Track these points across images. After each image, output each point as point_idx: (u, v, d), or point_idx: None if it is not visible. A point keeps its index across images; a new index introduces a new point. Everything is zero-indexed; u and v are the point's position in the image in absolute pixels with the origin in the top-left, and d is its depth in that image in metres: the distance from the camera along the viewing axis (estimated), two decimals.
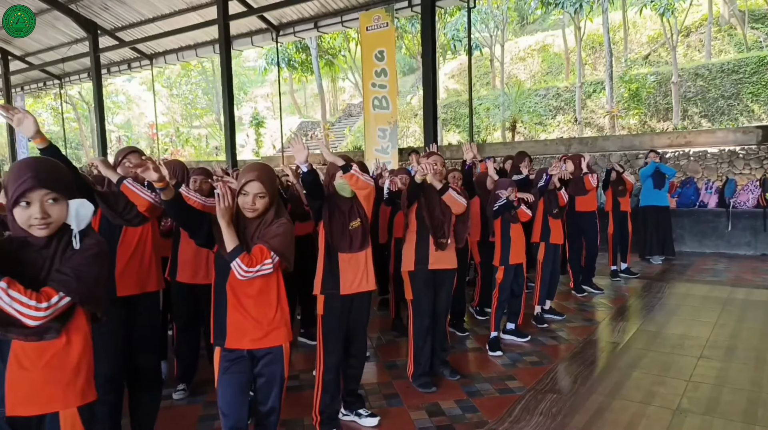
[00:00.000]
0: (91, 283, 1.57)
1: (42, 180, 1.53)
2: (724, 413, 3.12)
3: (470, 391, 3.54)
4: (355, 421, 3.13)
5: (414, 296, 3.62)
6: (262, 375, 2.29)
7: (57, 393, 1.56)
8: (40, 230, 1.54)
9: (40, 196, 1.52)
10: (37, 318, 1.44)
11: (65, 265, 1.54)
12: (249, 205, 2.20)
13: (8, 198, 1.54)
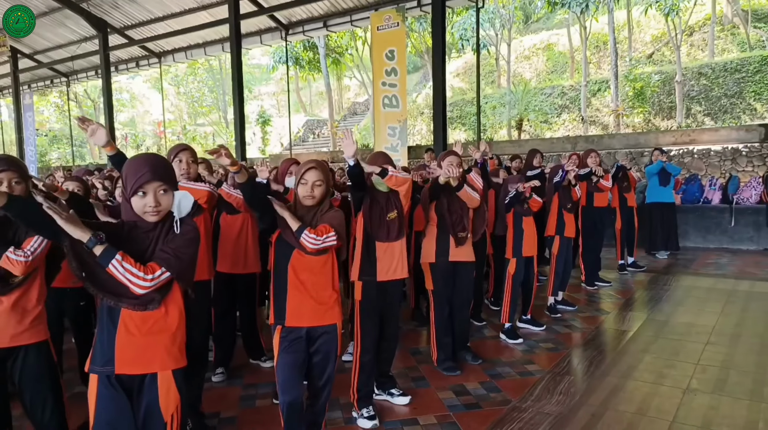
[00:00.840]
0: (187, 262, 1.81)
1: (157, 174, 1.78)
2: (732, 393, 3.35)
3: (492, 374, 3.77)
4: (388, 400, 3.36)
5: (434, 287, 3.84)
6: (319, 352, 2.52)
7: (156, 357, 1.81)
8: (152, 216, 1.79)
9: (154, 187, 1.77)
10: (144, 287, 1.69)
11: (167, 246, 1.79)
12: (308, 193, 2.42)
13: (127, 189, 1.78)
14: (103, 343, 1.79)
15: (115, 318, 1.77)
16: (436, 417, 3.16)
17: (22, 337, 2.14)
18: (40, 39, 15.78)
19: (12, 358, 2.16)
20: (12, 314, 2.12)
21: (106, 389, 1.78)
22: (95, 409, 1.79)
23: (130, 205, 1.81)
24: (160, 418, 1.82)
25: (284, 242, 2.46)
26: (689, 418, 3.06)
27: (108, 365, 1.77)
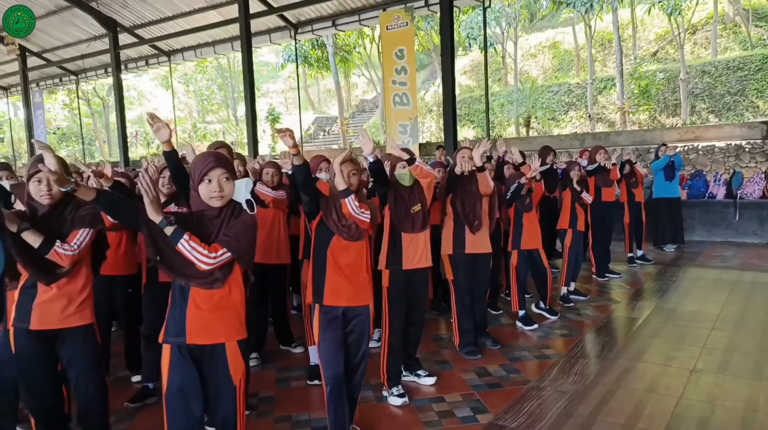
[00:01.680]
0: (246, 245, 2.06)
1: (220, 162, 2.04)
2: (735, 372, 3.58)
3: (511, 357, 4.01)
4: (415, 380, 3.60)
5: (454, 277, 4.08)
6: (354, 332, 2.75)
7: (222, 329, 2.06)
8: (216, 201, 2.03)
9: (218, 174, 2.01)
10: (208, 263, 1.94)
11: (228, 231, 2.03)
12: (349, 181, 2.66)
13: (195, 179, 2.01)
14: (175, 317, 2.04)
15: (186, 296, 2.02)
16: (461, 395, 3.41)
17: (68, 320, 2.35)
18: (49, 38, 15.93)
19: (60, 339, 2.38)
20: (59, 300, 2.33)
21: (177, 358, 2.03)
22: (168, 376, 2.04)
23: (197, 193, 2.05)
24: (230, 382, 2.06)
25: (325, 228, 2.71)
26: (696, 395, 3.29)
27: (180, 337, 2.02)
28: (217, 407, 2.09)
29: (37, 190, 2.31)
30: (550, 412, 3.14)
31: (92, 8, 13.48)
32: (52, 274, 2.30)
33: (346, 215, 2.62)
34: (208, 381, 2.08)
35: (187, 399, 2.03)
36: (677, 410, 3.11)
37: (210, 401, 2.09)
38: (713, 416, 3.03)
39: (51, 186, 2.30)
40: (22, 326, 2.30)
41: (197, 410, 2.06)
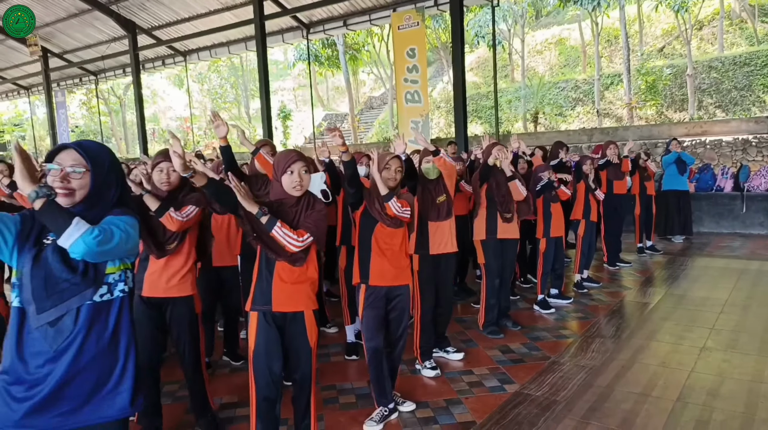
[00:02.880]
0: (321, 231, 2.36)
1: (301, 157, 2.34)
2: (743, 350, 3.85)
3: (531, 337, 4.30)
4: (444, 356, 3.89)
5: (486, 261, 4.37)
6: (395, 310, 3.06)
7: (302, 299, 2.36)
8: (296, 191, 2.33)
9: (299, 167, 2.31)
10: (296, 246, 2.23)
11: (308, 219, 2.33)
12: (392, 176, 2.96)
13: (278, 171, 2.33)
14: (262, 288, 2.35)
15: (271, 269, 2.33)
16: (487, 369, 3.70)
17: (171, 290, 2.73)
18: (70, 39, 16.33)
19: (166, 305, 2.76)
20: (164, 272, 2.71)
21: (263, 324, 2.35)
22: (255, 338, 2.35)
23: (280, 184, 2.35)
24: (307, 344, 2.38)
25: (369, 217, 3.01)
26: (706, 369, 3.57)
27: (267, 305, 2.33)
28: (297, 365, 2.41)
29: (158, 178, 2.69)
30: (571, 383, 3.43)
31: (112, 11, 13.83)
32: (163, 249, 2.67)
33: (391, 215, 2.91)
34: (288, 344, 2.40)
35: (270, 359, 2.34)
36: (689, 381, 3.39)
37: (290, 361, 2.42)
38: (722, 387, 3.30)
39: (170, 175, 2.68)
40: (135, 292, 2.67)
41: (278, 369, 2.38)
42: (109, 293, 1.58)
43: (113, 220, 1.54)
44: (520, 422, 2.96)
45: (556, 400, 3.21)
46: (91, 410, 1.56)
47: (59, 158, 1.57)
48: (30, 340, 1.50)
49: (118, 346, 1.61)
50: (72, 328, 1.51)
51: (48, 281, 1.49)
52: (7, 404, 1.50)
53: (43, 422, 1.50)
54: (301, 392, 2.48)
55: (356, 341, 4.10)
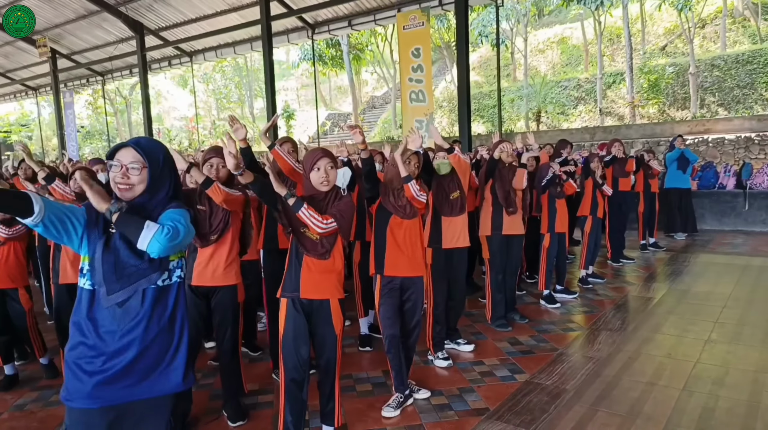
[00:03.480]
0: (347, 221, 2.50)
1: (326, 154, 2.48)
2: (746, 342, 3.97)
3: (539, 330, 4.42)
4: (455, 348, 4.01)
5: (491, 256, 4.49)
6: (409, 300, 3.18)
7: (328, 288, 2.51)
8: (323, 186, 2.47)
9: (324, 163, 2.44)
10: (321, 228, 2.37)
11: (335, 208, 2.46)
12: (411, 170, 3.11)
13: (307, 168, 2.48)
14: (291, 277, 2.49)
15: (300, 260, 2.47)
16: (498, 360, 3.82)
17: (217, 279, 2.91)
18: (78, 40, 16.48)
19: (212, 294, 2.95)
20: (210, 263, 2.89)
21: (292, 310, 2.50)
22: (284, 324, 2.50)
23: (309, 180, 2.49)
24: (332, 331, 2.52)
25: (384, 210, 3.14)
26: (711, 360, 3.68)
27: (295, 292, 2.47)
28: (322, 351, 2.54)
29: (207, 173, 2.87)
30: (579, 373, 3.54)
31: (121, 12, 13.97)
32: (207, 239, 2.84)
33: (409, 197, 3.03)
34: (315, 330, 2.54)
35: (298, 343, 2.48)
36: (694, 371, 3.50)
37: (316, 346, 2.56)
38: (727, 377, 3.42)
39: (219, 170, 2.88)
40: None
41: (305, 353, 2.51)
42: (168, 278, 1.73)
43: (173, 215, 1.69)
44: (531, 409, 3.08)
45: (565, 389, 3.32)
46: (150, 384, 1.70)
47: (119, 156, 1.71)
48: (101, 319, 1.65)
49: (174, 326, 1.75)
50: (138, 309, 1.66)
51: (117, 266, 1.63)
52: (79, 378, 1.64)
53: (110, 393, 1.65)
54: (326, 377, 2.60)
55: (369, 334, 4.22)
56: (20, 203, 1.46)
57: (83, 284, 1.68)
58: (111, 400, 1.66)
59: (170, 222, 1.65)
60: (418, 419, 3.02)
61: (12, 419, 3.26)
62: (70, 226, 1.61)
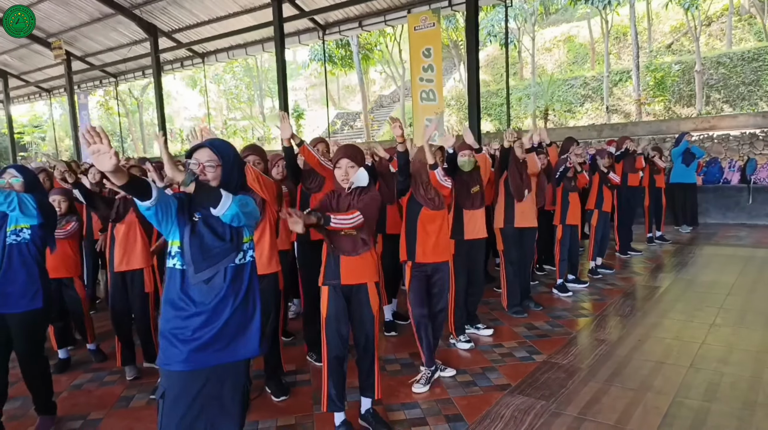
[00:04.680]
0: (370, 215, 2.74)
1: (347, 154, 2.76)
2: (749, 326, 4.22)
3: (553, 316, 4.69)
4: (475, 332, 4.29)
5: (504, 247, 4.76)
6: (436, 285, 3.47)
7: (364, 273, 2.78)
8: (344, 183, 2.72)
9: (345, 163, 2.72)
10: (349, 223, 2.63)
11: (361, 201, 2.73)
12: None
13: (333, 161, 2.73)
14: (331, 267, 2.76)
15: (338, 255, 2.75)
16: (516, 342, 4.10)
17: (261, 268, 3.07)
18: (93, 43, 16.80)
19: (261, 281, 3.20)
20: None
21: (333, 295, 2.77)
22: (327, 307, 2.77)
23: (333, 176, 2.75)
24: (370, 311, 2.80)
25: (414, 202, 3.43)
26: (715, 341, 3.94)
27: (336, 280, 2.75)
28: (362, 330, 2.82)
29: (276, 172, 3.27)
30: (593, 354, 3.82)
31: (135, 15, 14.26)
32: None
33: (434, 183, 3.32)
34: (354, 312, 2.81)
35: (339, 324, 2.76)
36: (700, 351, 3.77)
37: (355, 326, 2.83)
38: (731, 356, 3.68)
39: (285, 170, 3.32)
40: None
41: (345, 332, 2.80)
42: (243, 257, 2.01)
43: (242, 196, 1.97)
44: (550, 384, 3.35)
45: (580, 367, 3.60)
46: (233, 350, 1.99)
47: (197, 155, 1.99)
48: (191, 295, 1.93)
49: (249, 300, 2.03)
50: (221, 285, 1.94)
51: (203, 248, 1.92)
52: (175, 345, 1.93)
53: (201, 358, 1.94)
54: (365, 354, 2.88)
55: (393, 320, 4.51)
56: (144, 189, 1.74)
57: (174, 265, 1.96)
58: (202, 363, 1.95)
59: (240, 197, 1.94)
60: (446, 394, 3.30)
61: (72, 397, 3.55)
62: (169, 212, 1.89)
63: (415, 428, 2.94)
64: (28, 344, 3.00)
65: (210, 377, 1.98)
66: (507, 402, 3.16)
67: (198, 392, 1.96)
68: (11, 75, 20.25)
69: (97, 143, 1.64)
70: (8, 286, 2.86)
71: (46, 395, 3.16)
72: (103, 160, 1.63)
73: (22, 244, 2.92)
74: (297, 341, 4.33)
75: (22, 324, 2.93)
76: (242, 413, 2.11)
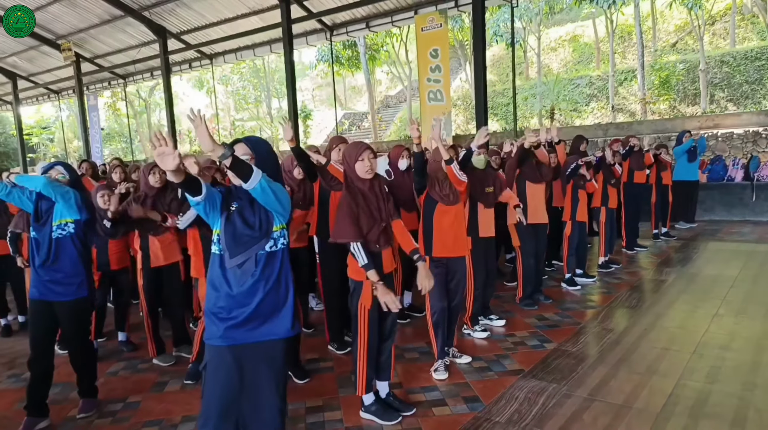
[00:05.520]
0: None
1: (368, 146, 2.92)
2: (751, 316, 4.41)
3: (562, 308, 4.88)
4: (489, 323, 4.49)
5: (521, 243, 4.95)
6: (454, 279, 3.66)
7: (392, 262, 3.00)
8: (368, 174, 2.89)
9: (367, 154, 2.88)
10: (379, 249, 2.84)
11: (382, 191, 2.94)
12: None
13: (351, 160, 2.88)
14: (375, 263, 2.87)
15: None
16: (527, 332, 4.30)
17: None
18: (102, 44, 17.02)
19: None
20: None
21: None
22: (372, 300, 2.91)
23: (354, 170, 2.89)
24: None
25: (431, 200, 3.61)
26: (719, 330, 4.13)
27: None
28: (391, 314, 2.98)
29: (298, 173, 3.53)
30: (601, 342, 4.01)
31: (144, 17, 14.47)
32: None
33: (451, 177, 3.51)
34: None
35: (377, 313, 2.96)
36: (704, 339, 3.95)
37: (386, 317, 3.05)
38: (732, 343, 3.86)
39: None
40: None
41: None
42: (274, 245, 2.20)
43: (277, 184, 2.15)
44: (561, 370, 3.55)
45: (589, 354, 3.79)
46: (266, 329, 2.18)
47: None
48: (227, 278, 2.14)
49: (281, 284, 2.22)
50: (253, 270, 2.13)
51: (236, 235, 2.12)
52: (214, 323, 2.14)
53: (237, 334, 2.14)
54: (390, 336, 3.08)
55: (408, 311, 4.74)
56: (196, 185, 1.95)
57: (215, 251, 2.17)
58: (237, 340, 2.14)
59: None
60: (463, 379, 3.50)
61: (108, 383, 3.77)
62: (215, 205, 2.10)
63: (436, 408, 3.14)
64: (76, 329, 3.22)
65: (246, 356, 2.16)
66: (521, 385, 3.36)
67: (237, 367, 2.14)
68: (20, 77, 20.52)
69: (162, 146, 1.83)
70: (57, 276, 3.08)
71: (90, 379, 3.38)
72: (167, 160, 1.83)
73: (67, 237, 3.14)
74: (317, 332, 4.53)
75: (70, 311, 3.15)
76: (283, 394, 2.26)
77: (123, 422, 3.21)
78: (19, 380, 3.91)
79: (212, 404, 2.14)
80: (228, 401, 2.14)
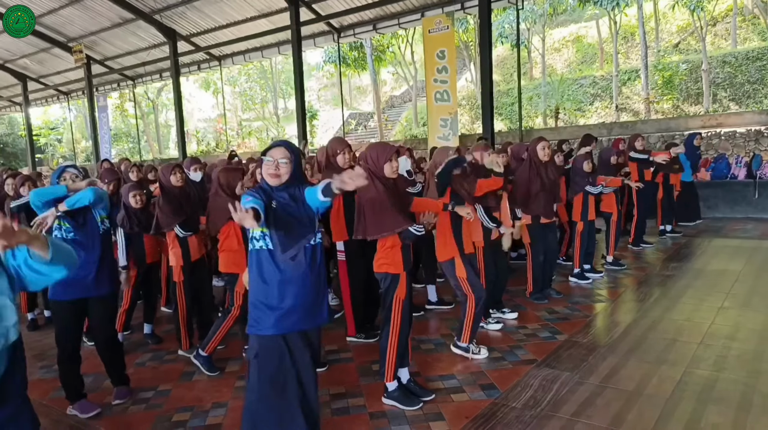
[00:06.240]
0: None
1: (395, 149, 3.09)
2: (755, 308, 4.56)
3: (572, 301, 5.04)
4: (501, 316, 4.64)
5: (532, 241, 5.12)
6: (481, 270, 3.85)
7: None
8: (395, 174, 3.07)
9: (395, 156, 3.06)
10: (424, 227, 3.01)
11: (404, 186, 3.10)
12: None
13: (380, 162, 3.05)
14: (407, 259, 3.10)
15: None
16: (539, 324, 4.46)
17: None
18: (112, 47, 17.23)
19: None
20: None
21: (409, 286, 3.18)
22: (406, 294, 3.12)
23: (383, 170, 3.06)
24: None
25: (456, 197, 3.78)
26: (724, 322, 4.28)
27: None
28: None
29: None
30: (611, 333, 4.17)
31: (155, 20, 14.66)
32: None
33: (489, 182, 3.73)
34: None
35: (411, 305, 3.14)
36: (710, 330, 4.11)
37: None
38: (737, 333, 4.02)
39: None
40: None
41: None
42: (315, 239, 2.37)
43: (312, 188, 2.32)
44: (573, 359, 3.71)
45: (599, 345, 3.95)
46: (311, 317, 2.37)
47: (271, 153, 2.35)
48: (277, 271, 2.30)
49: (320, 275, 2.40)
50: (303, 261, 2.31)
51: (287, 230, 2.28)
52: (264, 312, 2.32)
53: (287, 323, 2.32)
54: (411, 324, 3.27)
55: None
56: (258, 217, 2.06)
57: (260, 247, 2.31)
58: (287, 328, 2.32)
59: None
60: (479, 368, 3.66)
61: (138, 373, 3.94)
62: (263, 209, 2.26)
63: (454, 394, 3.30)
64: (109, 321, 3.41)
65: (296, 342, 2.35)
66: (535, 374, 3.52)
67: (288, 355, 2.33)
68: (30, 78, 20.76)
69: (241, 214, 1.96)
70: (104, 270, 3.26)
71: (120, 367, 3.55)
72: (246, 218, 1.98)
73: (106, 233, 3.31)
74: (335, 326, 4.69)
75: (105, 304, 3.32)
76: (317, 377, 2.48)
77: (156, 408, 3.38)
78: (50, 370, 4.06)
79: (265, 387, 2.32)
80: (281, 384, 2.34)
